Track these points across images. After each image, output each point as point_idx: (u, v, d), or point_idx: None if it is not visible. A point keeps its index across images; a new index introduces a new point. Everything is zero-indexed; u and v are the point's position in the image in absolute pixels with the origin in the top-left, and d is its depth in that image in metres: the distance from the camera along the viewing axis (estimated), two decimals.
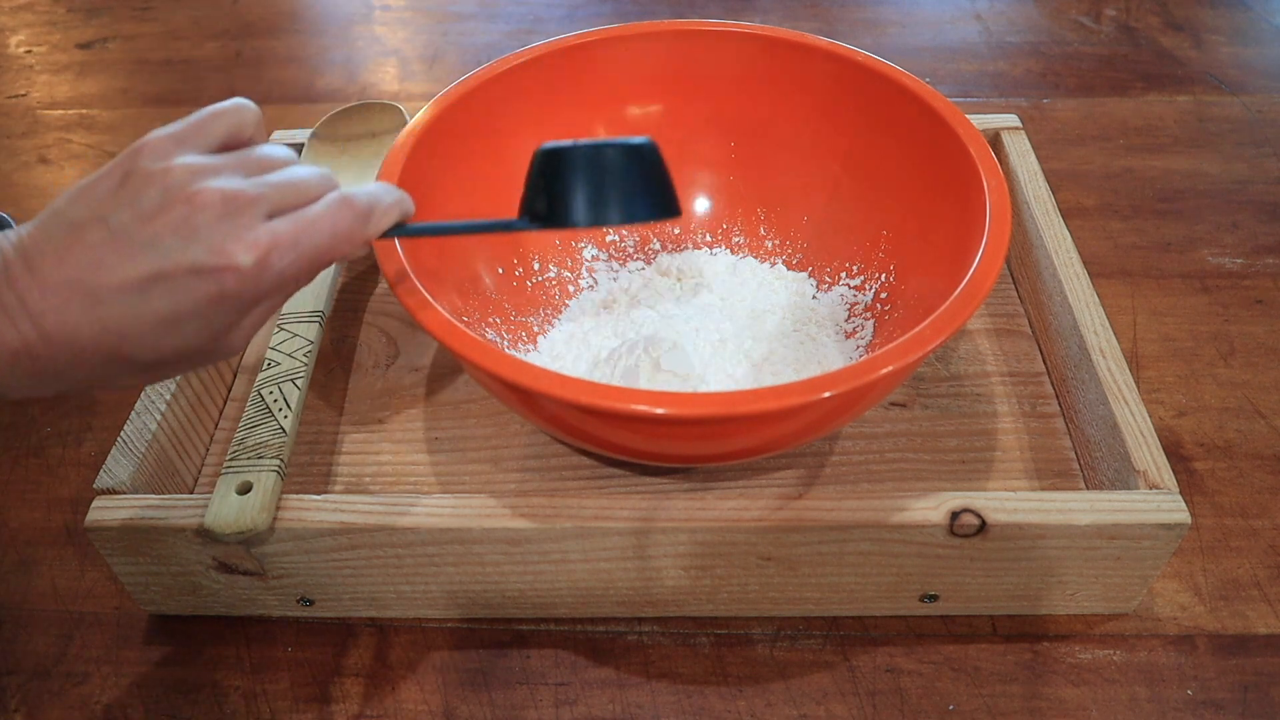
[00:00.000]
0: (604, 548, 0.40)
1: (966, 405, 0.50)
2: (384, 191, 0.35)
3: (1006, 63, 0.83)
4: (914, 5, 0.92)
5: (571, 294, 0.54)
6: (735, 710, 0.41)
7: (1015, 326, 0.55)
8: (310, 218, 0.31)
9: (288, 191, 0.31)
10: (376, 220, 0.34)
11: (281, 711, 0.42)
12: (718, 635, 0.44)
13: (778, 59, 0.52)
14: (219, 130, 0.32)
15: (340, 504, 0.41)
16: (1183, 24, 0.87)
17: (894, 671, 0.42)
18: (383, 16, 0.94)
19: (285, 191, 0.31)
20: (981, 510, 0.39)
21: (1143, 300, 0.59)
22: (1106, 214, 0.66)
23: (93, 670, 0.43)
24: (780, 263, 0.55)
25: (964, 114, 0.46)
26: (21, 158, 0.75)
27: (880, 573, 0.42)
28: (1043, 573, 0.41)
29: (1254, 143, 0.72)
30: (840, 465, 0.48)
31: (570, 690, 0.42)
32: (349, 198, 0.33)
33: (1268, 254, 0.62)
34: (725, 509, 0.40)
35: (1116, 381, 0.45)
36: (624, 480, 0.47)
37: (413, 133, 0.46)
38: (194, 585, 0.43)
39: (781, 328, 0.51)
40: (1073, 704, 0.41)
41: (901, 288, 0.49)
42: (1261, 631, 0.43)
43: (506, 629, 0.44)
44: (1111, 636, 0.43)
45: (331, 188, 0.33)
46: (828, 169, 0.53)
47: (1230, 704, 0.41)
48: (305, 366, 0.46)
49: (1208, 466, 0.50)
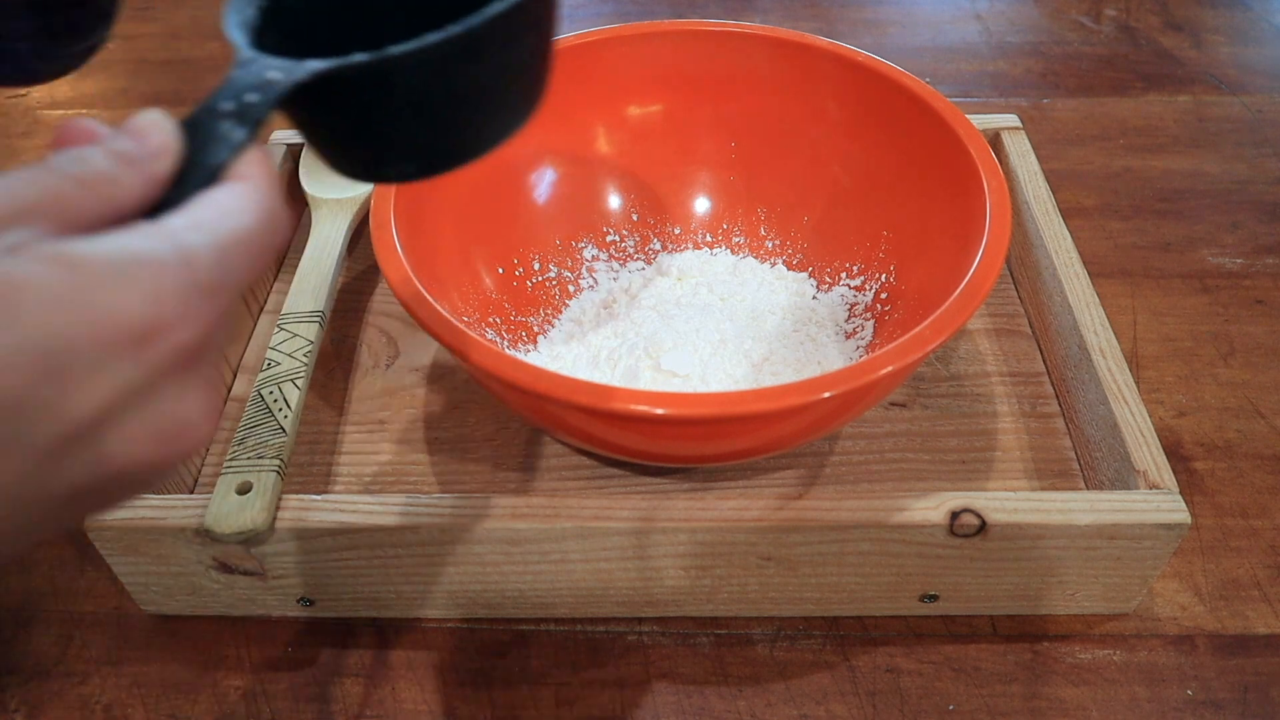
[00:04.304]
0: (604, 548, 0.40)
1: (966, 405, 0.50)
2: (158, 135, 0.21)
3: (1006, 63, 0.83)
4: (914, 5, 0.92)
5: (571, 294, 0.54)
6: (735, 710, 0.41)
7: (1015, 326, 0.55)
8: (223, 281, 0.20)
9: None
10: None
11: (281, 711, 0.42)
12: (718, 635, 0.44)
13: (778, 59, 0.52)
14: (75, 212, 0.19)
15: (340, 504, 0.41)
16: (1183, 24, 0.87)
17: (894, 671, 0.42)
18: None
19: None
20: (981, 510, 0.39)
21: (1143, 300, 0.59)
22: (1106, 214, 0.66)
23: (93, 670, 0.43)
24: (780, 263, 0.55)
25: (964, 114, 0.46)
26: (21, 158, 0.75)
27: (880, 573, 0.42)
28: (1043, 573, 0.41)
29: (1254, 143, 0.72)
30: (840, 465, 0.48)
31: (570, 690, 0.42)
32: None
33: (1268, 254, 0.62)
34: (725, 509, 0.40)
35: (1116, 381, 0.45)
36: (624, 480, 0.47)
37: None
38: (194, 585, 0.43)
39: (781, 328, 0.51)
40: (1073, 704, 0.41)
41: (901, 288, 0.49)
42: (1261, 631, 0.43)
43: (506, 629, 0.44)
44: (1111, 636, 0.43)
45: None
46: (828, 169, 0.53)
47: (1230, 704, 0.41)
48: (305, 366, 0.46)
49: (1208, 466, 0.50)
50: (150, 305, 0.18)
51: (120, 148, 0.20)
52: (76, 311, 0.17)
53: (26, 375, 0.17)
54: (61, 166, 0.19)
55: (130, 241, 0.18)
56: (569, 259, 0.55)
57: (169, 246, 0.19)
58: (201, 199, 0.21)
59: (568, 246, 0.55)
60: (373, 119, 0.25)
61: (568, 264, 0.55)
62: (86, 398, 0.18)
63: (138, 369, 0.18)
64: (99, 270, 0.18)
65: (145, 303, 0.18)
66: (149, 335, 0.18)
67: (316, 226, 0.55)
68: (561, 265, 0.55)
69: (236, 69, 0.23)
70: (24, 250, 0.17)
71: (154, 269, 0.18)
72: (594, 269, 0.56)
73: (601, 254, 0.56)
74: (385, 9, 0.29)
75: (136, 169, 0.20)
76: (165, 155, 0.21)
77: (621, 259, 0.56)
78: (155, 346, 0.18)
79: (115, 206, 0.20)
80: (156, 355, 0.18)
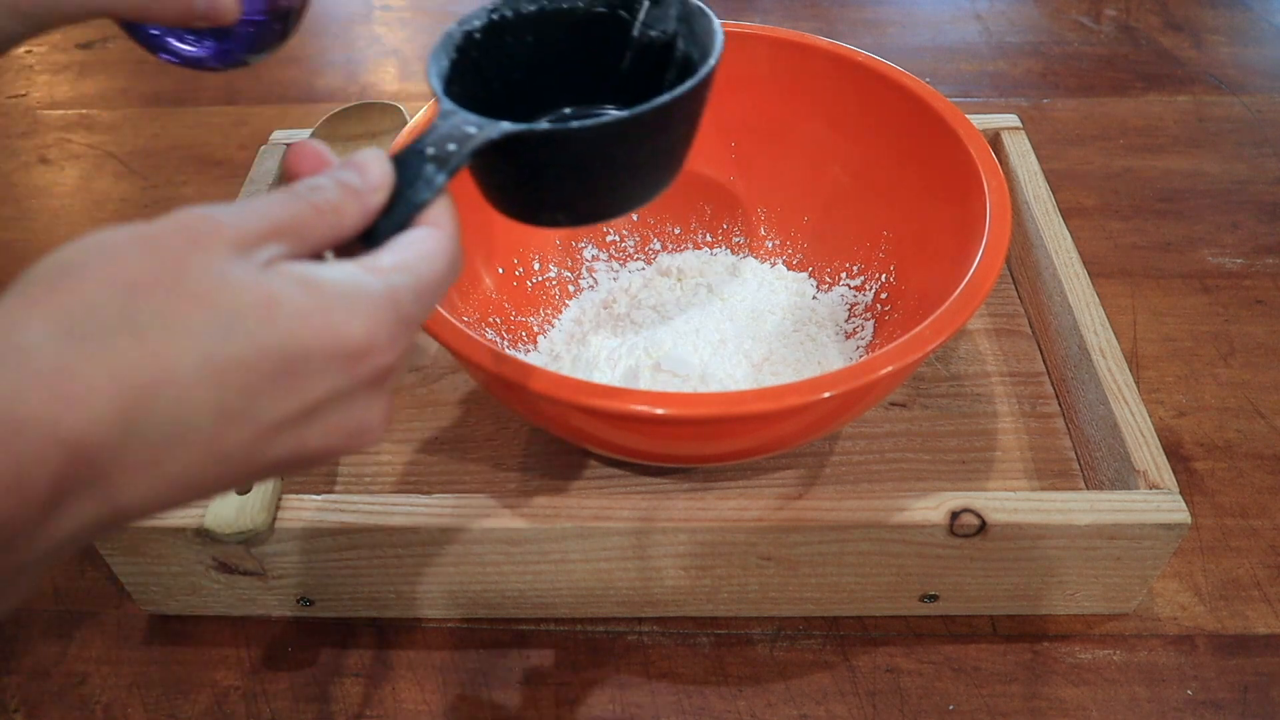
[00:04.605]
0: (604, 548, 0.40)
1: (966, 405, 0.50)
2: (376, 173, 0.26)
3: (1006, 63, 0.83)
4: (914, 5, 0.92)
5: (571, 294, 0.54)
6: (735, 710, 0.41)
7: (1015, 326, 0.55)
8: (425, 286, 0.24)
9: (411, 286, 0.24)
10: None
11: (281, 711, 0.42)
12: (718, 635, 0.44)
13: (778, 59, 0.52)
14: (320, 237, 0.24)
15: (340, 504, 0.41)
16: (1183, 24, 0.87)
17: (894, 671, 0.42)
18: (383, 16, 0.94)
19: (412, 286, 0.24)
20: (981, 510, 0.39)
21: (1143, 300, 0.59)
22: (1106, 214, 0.66)
23: (93, 670, 0.43)
24: (780, 263, 0.55)
25: (964, 114, 0.46)
26: (21, 158, 0.75)
27: (880, 573, 0.42)
28: (1043, 573, 0.41)
29: (1254, 143, 0.72)
30: (840, 465, 0.48)
31: (570, 690, 0.42)
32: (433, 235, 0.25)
33: (1268, 254, 0.62)
34: (725, 509, 0.40)
35: (1116, 381, 0.45)
36: (624, 480, 0.47)
37: (413, 133, 0.46)
38: (194, 585, 0.43)
39: (781, 328, 0.51)
40: (1073, 704, 0.41)
41: (901, 288, 0.49)
42: (1261, 631, 0.43)
43: (506, 629, 0.44)
44: (1111, 636, 0.43)
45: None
46: (828, 169, 0.53)
47: (1230, 704, 0.41)
48: None
49: (1208, 466, 0.50)
50: (365, 332, 0.22)
51: (347, 180, 0.24)
52: (313, 328, 0.22)
53: (270, 369, 0.21)
54: (303, 194, 0.24)
55: (355, 276, 0.23)
56: (569, 259, 0.55)
57: (382, 284, 0.23)
58: (406, 240, 0.25)
59: (568, 246, 0.55)
60: (541, 175, 0.29)
61: (568, 264, 0.55)
62: (306, 394, 0.22)
63: (347, 379, 0.23)
64: (332, 297, 0.22)
65: (362, 329, 0.22)
66: (360, 355, 0.23)
67: None
68: (561, 265, 0.55)
69: (439, 119, 0.27)
70: (275, 267, 0.22)
71: (370, 302, 0.23)
72: (594, 269, 0.56)
73: (601, 254, 0.56)
74: (551, 66, 0.35)
75: (358, 201, 0.24)
76: (382, 190, 0.25)
77: (621, 259, 0.56)
78: (363, 364, 0.23)
79: (338, 233, 0.24)
80: (362, 371, 0.23)
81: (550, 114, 0.36)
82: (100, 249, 0.21)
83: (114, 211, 0.69)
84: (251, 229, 0.22)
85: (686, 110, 0.31)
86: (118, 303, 0.20)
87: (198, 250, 0.21)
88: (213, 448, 0.21)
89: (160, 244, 0.21)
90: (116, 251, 0.21)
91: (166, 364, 0.20)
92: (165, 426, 0.20)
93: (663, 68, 0.34)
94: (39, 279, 0.20)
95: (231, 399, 0.21)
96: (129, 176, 0.73)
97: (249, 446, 0.22)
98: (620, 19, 0.34)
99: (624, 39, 0.35)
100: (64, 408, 0.19)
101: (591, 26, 0.34)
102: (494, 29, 0.33)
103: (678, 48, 0.34)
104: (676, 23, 0.33)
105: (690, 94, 0.29)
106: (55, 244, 0.21)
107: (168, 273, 0.21)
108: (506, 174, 0.30)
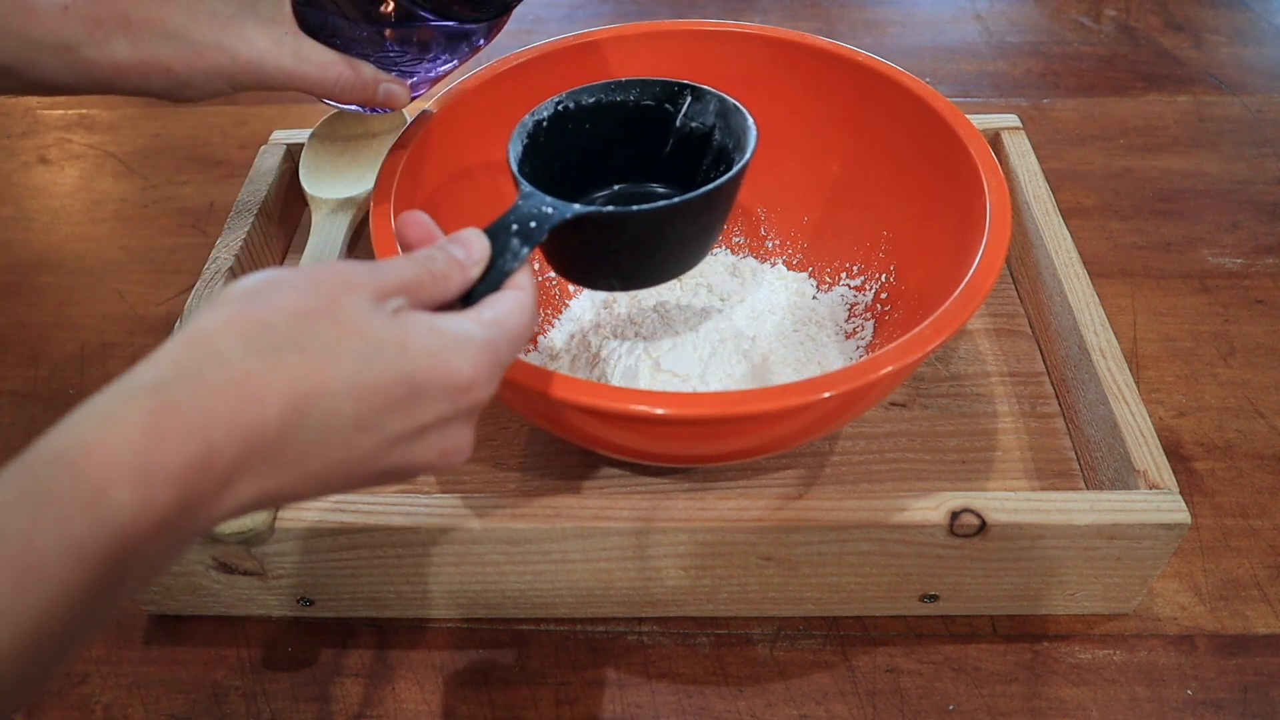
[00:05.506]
0: (604, 548, 0.40)
1: (966, 405, 0.50)
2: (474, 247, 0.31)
3: (1006, 63, 0.83)
4: (914, 5, 0.92)
5: (571, 294, 0.54)
6: (735, 710, 0.41)
7: (1015, 326, 0.55)
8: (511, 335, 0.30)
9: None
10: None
11: (281, 711, 0.42)
12: (718, 635, 0.44)
13: (778, 59, 0.52)
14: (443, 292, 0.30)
15: (340, 504, 0.41)
16: (1183, 24, 0.87)
17: (894, 671, 0.42)
18: None
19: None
20: (981, 510, 0.39)
21: (1143, 300, 0.59)
22: (1106, 214, 0.66)
23: (93, 670, 0.43)
24: (780, 263, 0.55)
25: (964, 114, 0.46)
26: (21, 158, 0.75)
27: (880, 573, 0.42)
28: (1043, 573, 0.41)
29: (1254, 143, 0.72)
30: (840, 465, 0.48)
31: (570, 690, 0.42)
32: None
33: (1268, 254, 0.62)
34: (725, 509, 0.40)
35: (1116, 381, 0.45)
36: (624, 480, 0.47)
37: (413, 133, 0.46)
38: (194, 585, 0.43)
39: (781, 328, 0.51)
40: (1073, 704, 0.41)
41: (901, 288, 0.49)
42: (1261, 631, 0.43)
43: (506, 629, 0.44)
44: (1111, 636, 0.43)
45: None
46: (828, 169, 0.53)
47: (1230, 704, 0.41)
48: None
49: (1208, 466, 0.50)
50: (473, 370, 0.27)
51: (455, 254, 0.30)
52: (434, 364, 0.26)
53: (399, 393, 0.26)
54: (422, 262, 0.29)
55: (466, 326, 0.28)
56: None
57: (485, 334, 0.28)
58: (500, 299, 0.30)
59: None
60: (601, 247, 0.35)
61: None
62: (421, 417, 0.27)
63: (452, 408, 0.27)
64: (450, 340, 0.27)
65: (470, 368, 0.27)
66: (465, 390, 0.27)
67: (317, 226, 0.55)
68: None
69: (520, 199, 0.33)
70: (404, 314, 0.27)
71: (477, 347, 0.28)
72: None
73: None
74: (604, 150, 0.41)
75: (462, 272, 0.30)
76: (481, 264, 0.31)
77: None
78: (467, 397, 0.28)
79: (444, 295, 0.29)
80: (464, 402, 0.28)
81: (602, 190, 0.43)
82: (276, 282, 0.26)
83: (114, 211, 0.69)
84: (386, 284, 0.27)
85: (726, 196, 0.36)
86: (291, 326, 0.25)
87: (350, 292, 0.26)
88: (346, 452, 0.25)
89: (322, 284, 0.26)
90: (288, 285, 0.26)
91: (324, 378, 0.25)
92: (316, 429, 0.25)
93: (700, 154, 0.41)
94: (230, 300, 0.25)
95: (366, 413, 0.25)
96: (129, 176, 0.73)
97: (371, 454, 0.26)
98: (665, 111, 0.41)
99: (668, 128, 0.41)
100: (247, 405, 0.23)
101: (640, 117, 0.41)
102: (558, 118, 0.39)
103: (715, 138, 0.40)
104: (715, 116, 0.40)
105: (730, 182, 0.35)
106: (55, 244, 0.21)
107: (327, 306, 0.26)
108: (572, 245, 0.35)
